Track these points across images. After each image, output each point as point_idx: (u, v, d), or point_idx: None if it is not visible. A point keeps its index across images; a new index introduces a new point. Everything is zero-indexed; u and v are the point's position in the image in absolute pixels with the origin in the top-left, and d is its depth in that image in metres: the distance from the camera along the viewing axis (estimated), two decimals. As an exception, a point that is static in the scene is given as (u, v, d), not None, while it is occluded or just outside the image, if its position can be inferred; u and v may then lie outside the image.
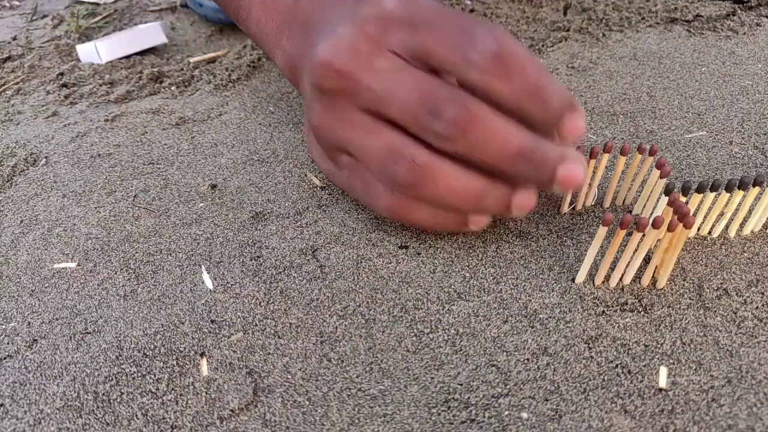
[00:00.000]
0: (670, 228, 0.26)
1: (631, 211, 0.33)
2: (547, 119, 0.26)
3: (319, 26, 0.32)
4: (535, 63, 0.26)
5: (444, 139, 0.26)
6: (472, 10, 0.64)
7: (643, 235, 0.26)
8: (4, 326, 0.29)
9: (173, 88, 0.52)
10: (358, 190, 0.32)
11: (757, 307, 0.28)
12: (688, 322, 0.27)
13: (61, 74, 0.55)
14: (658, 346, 0.26)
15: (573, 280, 0.29)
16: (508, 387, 0.25)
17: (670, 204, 0.27)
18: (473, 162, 0.27)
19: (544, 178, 0.27)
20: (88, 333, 0.28)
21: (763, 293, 0.28)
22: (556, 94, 0.26)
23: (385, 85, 0.27)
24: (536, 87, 0.26)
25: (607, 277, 0.29)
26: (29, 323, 0.29)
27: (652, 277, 0.29)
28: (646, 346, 0.26)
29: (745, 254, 0.31)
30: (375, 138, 0.28)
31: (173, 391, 0.25)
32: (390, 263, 0.31)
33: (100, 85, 0.53)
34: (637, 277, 0.29)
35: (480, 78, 0.26)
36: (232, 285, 0.30)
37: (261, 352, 0.27)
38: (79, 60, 0.59)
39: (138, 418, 0.24)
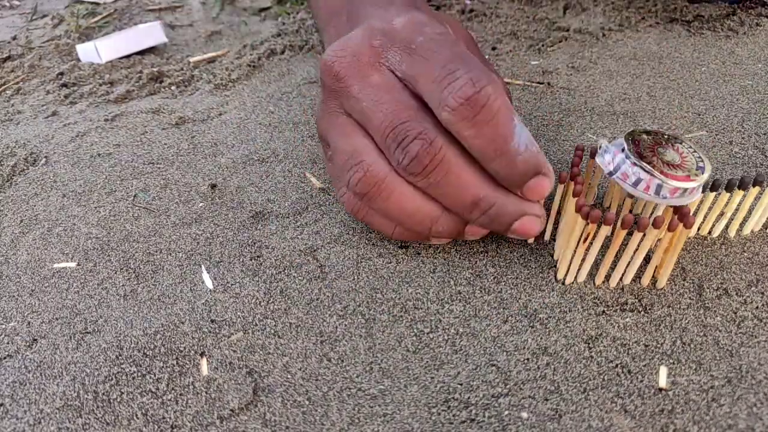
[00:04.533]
0: (671, 228, 0.26)
1: (631, 211, 0.33)
2: (510, 178, 0.26)
3: (354, 23, 0.33)
4: (507, 119, 0.25)
5: (404, 170, 0.27)
6: (471, 11, 0.64)
7: (644, 235, 0.26)
8: (4, 326, 0.29)
9: (173, 87, 0.52)
10: (333, 181, 0.33)
11: (757, 307, 0.28)
12: (688, 322, 0.27)
13: (61, 74, 0.55)
14: (658, 346, 0.26)
15: (574, 279, 0.29)
16: (508, 387, 0.25)
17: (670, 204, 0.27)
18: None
19: (500, 230, 0.28)
20: (88, 333, 0.28)
21: (763, 293, 0.28)
22: (523, 156, 0.26)
23: (369, 100, 0.28)
24: (501, 144, 0.25)
25: (608, 277, 0.29)
26: (29, 323, 0.29)
27: (652, 276, 0.29)
28: (646, 346, 0.26)
29: (745, 254, 0.31)
30: (346, 140, 0.30)
31: (173, 391, 0.25)
32: (390, 263, 0.31)
33: (100, 85, 0.53)
34: (637, 276, 0.29)
35: (450, 120, 0.26)
36: (232, 285, 0.30)
37: (261, 352, 0.27)
38: (79, 60, 0.59)
39: (138, 418, 0.24)
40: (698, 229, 0.32)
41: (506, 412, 0.24)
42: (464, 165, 0.27)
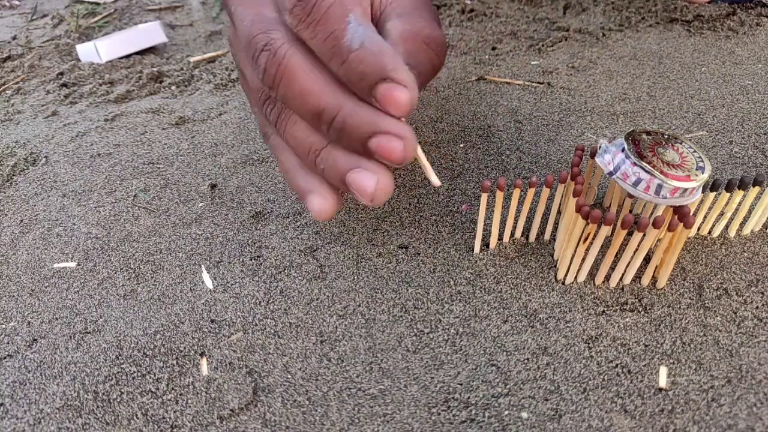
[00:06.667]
0: (671, 228, 0.26)
1: (631, 210, 0.33)
2: (348, 79, 0.24)
3: None
4: (338, 17, 0.24)
5: (263, 84, 0.26)
6: (472, 10, 0.64)
7: (644, 235, 0.26)
8: (4, 326, 0.29)
9: (173, 87, 0.52)
10: (260, 123, 0.31)
11: (757, 307, 0.28)
12: (688, 322, 0.27)
13: (61, 74, 0.55)
14: (658, 345, 0.26)
15: (574, 279, 0.29)
16: (508, 387, 0.25)
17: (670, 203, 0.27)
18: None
19: (356, 147, 0.25)
20: (88, 332, 0.28)
21: (763, 293, 0.28)
22: (357, 53, 0.23)
23: (237, 19, 0.27)
24: (333, 41, 0.24)
25: (608, 277, 0.29)
26: (29, 323, 0.29)
27: (652, 276, 0.29)
28: (646, 345, 0.26)
29: (745, 254, 0.31)
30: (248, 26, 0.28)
31: (173, 391, 0.25)
32: (390, 263, 0.31)
33: (100, 85, 0.53)
34: (637, 276, 0.29)
35: (292, 24, 0.25)
36: (232, 285, 0.30)
37: (261, 352, 0.27)
38: (79, 59, 0.59)
39: (138, 418, 0.24)
40: (698, 229, 0.32)
41: (506, 412, 0.24)
42: (311, 73, 0.25)
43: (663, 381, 0.24)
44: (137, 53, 0.60)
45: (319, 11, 0.24)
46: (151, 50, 0.62)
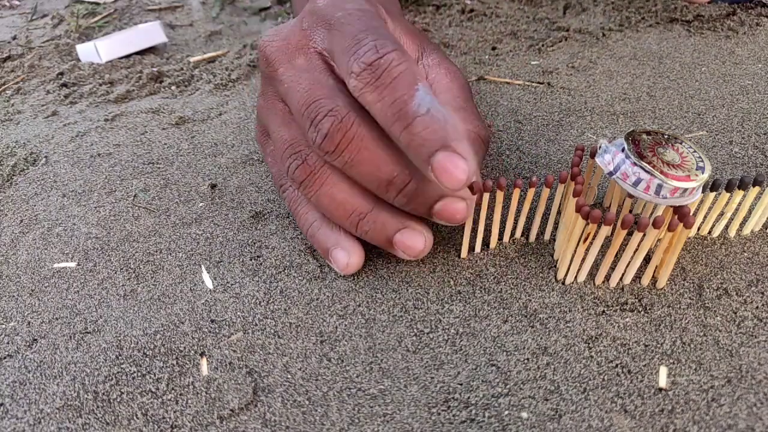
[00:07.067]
0: (671, 228, 0.26)
1: (631, 210, 0.33)
2: (410, 144, 0.24)
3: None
4: (408, 83, 0.24)
5: (319, 149, 0.26)
6: (472, 10, 0.64)
7: (644, 235, 0.26)
8: (4, 326, 0.29)
9: (173, 87, 0.52)
10: (274, 174, 0.33)
11: (757, 307, 0.28)
12: (688, 322, 0.27)
13: (61, 74, 0.55)
14: (658, 345, 0.26)
15: (574, 279, 0.29)
16: (508, 387, 0.25)
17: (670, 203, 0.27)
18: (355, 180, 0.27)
19: (421, 212, 0.27)
20: (87, 332, 0.28)
21: (763, 293, 0.28)
22: (422, 118, 0.23)
23: (290, 81, 0.28)
24: (400, 106, 0.24)
25: (608, 277, 0.29)
26: (29, 323, 0.29)
27: (652, 276, 0.29)
28: (646, 345, 0.26)
29: (745, 254, 0.31)
30: (285, 129, 0.30)
31: (173, 391, 0.25)
32: (390, 263, 0.31)
33: (100, 85, 0.53)
34: (637, 276, 0.29)
35: (355, 86, 0.25)
36: (232, 285, 0.30)
37: (261, 352, 0.27)
38: (78, 59, 0.59)
39: (138, 418, 0.24)
40: (698, 229, 0.32)
41: (506, 412, 0.24)
42: (379, 141, 0.26)
43: (663, 381, 0.24)
44: (137, 53, 0.60)
45: (389, 76, 0.24)
46: (151, 50, 0.62)
